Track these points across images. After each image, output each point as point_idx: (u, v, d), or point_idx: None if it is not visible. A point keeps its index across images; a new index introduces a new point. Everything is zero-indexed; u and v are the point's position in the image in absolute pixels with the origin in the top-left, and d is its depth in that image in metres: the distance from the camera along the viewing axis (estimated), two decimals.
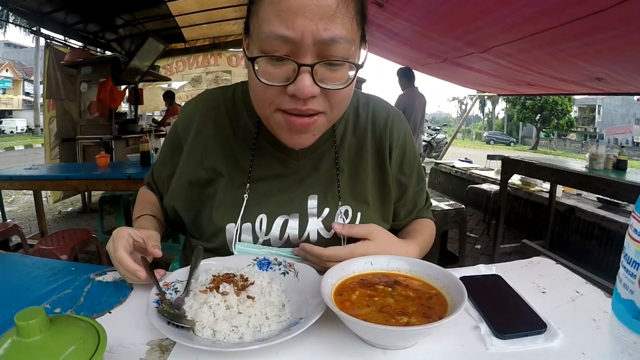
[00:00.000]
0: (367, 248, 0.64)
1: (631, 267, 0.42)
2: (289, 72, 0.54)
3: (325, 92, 0.56)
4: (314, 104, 0.56)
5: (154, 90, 7.25)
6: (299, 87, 0.53)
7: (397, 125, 0.79)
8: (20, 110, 27.22)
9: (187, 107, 0.78)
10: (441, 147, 10.85)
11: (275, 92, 0.56)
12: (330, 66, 0.54)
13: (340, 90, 0.57)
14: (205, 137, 0.73)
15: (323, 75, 0.55)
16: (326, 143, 0.75)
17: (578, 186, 2.73)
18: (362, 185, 0.75)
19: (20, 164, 6.33)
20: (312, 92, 0.53)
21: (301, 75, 0.52)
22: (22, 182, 2.82)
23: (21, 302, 0.57)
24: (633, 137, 28.64)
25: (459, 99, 46.28)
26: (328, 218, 0.72)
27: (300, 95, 0.53)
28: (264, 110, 0.60)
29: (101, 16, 4.74)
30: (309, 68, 0.52)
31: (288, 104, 0.56)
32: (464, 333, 0.50)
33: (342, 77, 0.56)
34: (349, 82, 0.57)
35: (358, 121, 0.77)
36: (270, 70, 0.54)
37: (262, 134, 0.73)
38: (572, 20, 2.16)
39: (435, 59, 4.14)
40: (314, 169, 0.74)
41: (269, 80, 0.54)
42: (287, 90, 0.54)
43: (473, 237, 3.92)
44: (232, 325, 0.47)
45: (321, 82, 0.54)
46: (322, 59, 0.53)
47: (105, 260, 2.50)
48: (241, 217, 0.69)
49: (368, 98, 0.81)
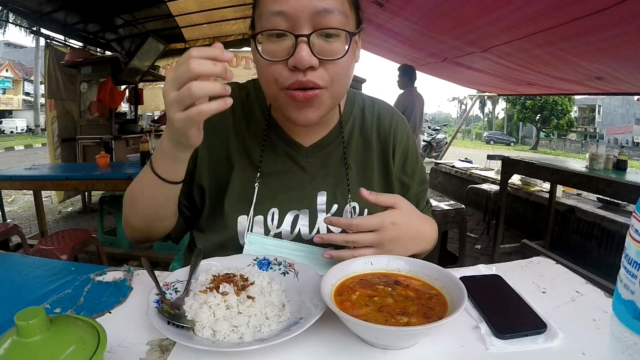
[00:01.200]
0: (394, 216, 0.63)
1: (632, 267, 0.42)
2: (289, 47, 0.57)
3: (324, 65, 0.59)
4: (313, 76, 0.58)
5: (154, 90, 7.24)
6: (298, 58, 0.56)
7: (401, 127, 0.82)
8: (20, 110, 27.22)
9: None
10: (441, 147, 10.86)
11: (278, 68, 0.59)
12: (327, 38, 0.58)
13: (338, 62, 0.59)
14: (225, 123, 0.74)
15: (321, 48, 0.58)
16: (334, 141, 0.77)
17: (578, 186, 2.73)
18: (369, 183, 0.77)
19: (20, 164, 6.34)
20: (310, 61, 0.56)
21: (299, 46, 0.56)
22: (22, 182, 2.82)
23: (21, 302, 0.56)
24: (633, 137, 28.63)
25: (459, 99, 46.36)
26: (336, 214, 0.74)
27: (299, 65, 0.56)
28: (271, 90, 0.62)
29: (101, 16, 4.73)
30: (305, 38, 0.56)
31: (290, 78, 0.58)
32: (464, 333, 0.50)
33: (339, 48, 0.59)
34: (345, 53, 0.59)
35: (364, 122, 0.80)
36: (272, 48, 0.58)
37: (273, 129, 0.75)
38: (572, 20, 2.16)
39: (436, 58, 4.14)
40: (323, 166, 0.76)
41: (271, 56, 0.58)
42: (288, 63, 0.57)
43: (473, 237, 3.92)
44: (232, 325, 0.47)
45: (319, 54, 0.57)
46: (316, 29, 0.57)
47: (105, 260, 2.50)
48: (253, 209, 0.70)
49: (373, 101, 0.84)
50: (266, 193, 0.72)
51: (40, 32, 4.84)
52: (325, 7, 0.56)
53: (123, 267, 0.67)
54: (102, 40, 5.36)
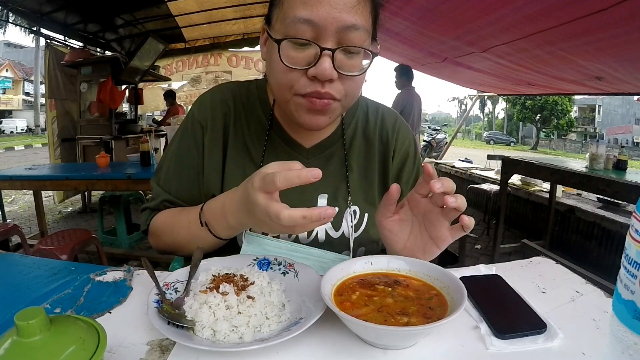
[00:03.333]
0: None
1: (632, 267, 0.42)
2: (311, 56, 0.58)
3: (341, 79, 0.60)
4: (331, 88, 0.60)
5: (154, 90, 7.25)
6: (320, 70, 0.56)
7: (404, 132, 0.82)
8: (20, 110, 27.20)
9: (203, 98, 0.78)
10: (441, 147, 10.85)
11: (296, 75, 0.59)
12: (349, 54, 0.59)
13: (355, 78, 0.61)
14: (224, 123, 0.74)
15: (342, 62, 0.59)
16: (336, 143, 0.77)
17: (578, 186, 2.73)
18: (370, 187, 0.77)
19: (20, 164, 6.34)
20: (331, 75, 0.57)
21: (323, 58, 0.56)
22: (22, 182, 2.82)
23: (21, 302, 0.56)
24: (633, 137, 28.63)
25: (459, 99, 46.35)
26: (336, 217, 0.73)
27: (321, 77, 0.57)
28: (284, 94, 0.63)
29: (101, 16, 4.74)
30: (330, 52, 0.57)
31: (308, 87, 0.59)
32: (464, 333, 0.50)
33: (358, 65, 0.61)
34: (364, 71, 0.61)
35: (367, 125, 0.80)
36: (293, 54, 0.58)
37: (275, 130, 0.75)
38: (572, 20, 2.16)
39: (436, 58, 4.14)
40: (324, 168, 0.74)
41: (291, 63, 0.58)
42: (308, 73, 0.58)
43: (473, 237, 3.92)
44: (232, 325, 0.47)
45: (339, 69, 0.58)
46: (342, 45, 0.57)
47: (105, 260, 2.50)
48: None
49: (377, 105, 0.85)
50: None
51: (40, 32, 4.84)
52: (354, 24, 0.57)
53: (123, 267, 0.67)
54: (102, 40, 5.36)
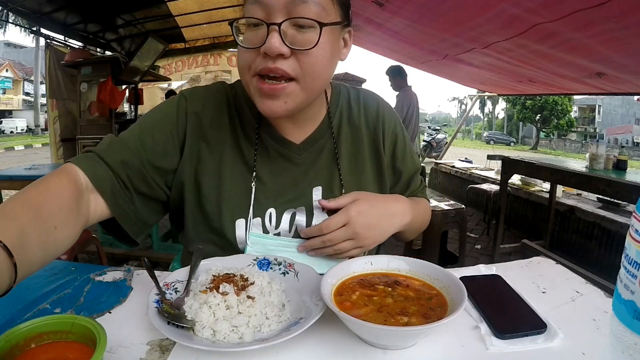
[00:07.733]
0: (357, 206, 0.68)
1: (632, 267, 0.42)
2: (263, 35, 0.58)
3: (296, 56, 0.59)
4: (282, 64, 0.59)
5: (154, 90, 7.25)
6: (267, 45, 0.57)
7: (388, 115, 0.83)
8: (20, 110, 27.20)
9: (197, 90, 0.76)
10: (441, 147, 10.86)
11: (252, 55, 0.60)
12: (300, 28, 0.58)
13: (311, 54, 0.59)
14: (218, 123, 0.73)
15: (294, 38, 0.58)
16: (325, 135, 0.77)
17: (578, 186, 2.73)
18: (361, 174, 0.78)
19: (20, 164, 6.33)
20: (279, 49, 0.57)
21: (270, 33, 0.57)
22: (22, 182, 2.81)
23: (21, 302, 0.56)
24: (633, 137, 28.64)
25: (459, 99, 46.37)
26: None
27: (269, 52, 0.57)
28: (245, 77, 0.64)
29: (101, 16, 4.74)
30: (276, 27, 0.57)
31: (260, 64, 0.59)
32: (464, 333, 0.50)
33: (312, 40, 0.59)
34: (316, 43, 0.59)
35: (351, 112, 0.81)
36: (249, 36, 0.61)
37: (264, 128, 0.74)
38: (571, 13, 2.15)
39: (436, 55, 4.13)
40: (316, 161, 0.76)
41: (248, 44, 0.60)
42: (260, 51, 0.59)
43: (473, 237, 3.92)
44: (232, 325, 0.47)
45: (291, 44, 0.58)
46: (288, 17, 0.57)
47: (105, 260, 2.50)
48: (252, 212, 0.70)
49: (358, 90, 0.85)
50: (262, 193, 0.71)
51: (40, 32, 4.85)
52: None
53: (123, 267, 0.67)
54: (102, 40, 5.37)
